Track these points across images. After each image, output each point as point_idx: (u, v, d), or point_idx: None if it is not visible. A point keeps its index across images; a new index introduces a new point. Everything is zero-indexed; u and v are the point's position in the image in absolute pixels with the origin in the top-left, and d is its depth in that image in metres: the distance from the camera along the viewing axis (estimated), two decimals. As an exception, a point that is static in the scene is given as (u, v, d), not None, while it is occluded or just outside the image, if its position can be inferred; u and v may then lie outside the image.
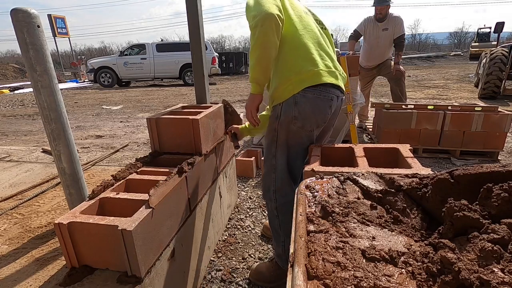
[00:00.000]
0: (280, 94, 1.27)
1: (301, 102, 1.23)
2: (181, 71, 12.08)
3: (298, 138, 1.29)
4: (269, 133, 1.34)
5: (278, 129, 1.28)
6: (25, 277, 1.10)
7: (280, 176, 1.34)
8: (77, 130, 4.93)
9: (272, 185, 1.36)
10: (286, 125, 1.26)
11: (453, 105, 3.17)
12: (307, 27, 1.28)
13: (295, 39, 1.24)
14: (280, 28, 1.17)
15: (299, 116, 1.24)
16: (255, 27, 1.15)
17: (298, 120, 1.24)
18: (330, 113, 1.31)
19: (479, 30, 20.07)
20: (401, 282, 0.47)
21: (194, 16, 1.87)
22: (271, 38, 1.16)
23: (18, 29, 1.14)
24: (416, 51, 33.45)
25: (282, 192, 1.35)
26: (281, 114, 1.26)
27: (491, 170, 0.61)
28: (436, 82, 9.77)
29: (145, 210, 0.99)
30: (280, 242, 1.42)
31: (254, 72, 1.23)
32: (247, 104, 1.32)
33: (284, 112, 1.25)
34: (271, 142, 1.32)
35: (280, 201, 1.36)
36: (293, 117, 1.24)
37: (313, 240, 0.58)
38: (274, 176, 1.35)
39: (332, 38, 1.44)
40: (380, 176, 0.80)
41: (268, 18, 1.14)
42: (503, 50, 6.10)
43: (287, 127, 1.26)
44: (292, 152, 1.32)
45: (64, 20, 17.97)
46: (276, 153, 1.32)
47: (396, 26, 3.65)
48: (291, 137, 1.28)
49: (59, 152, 1.31)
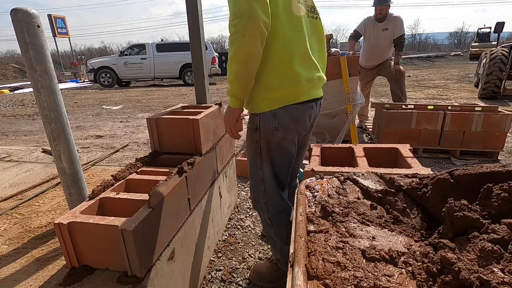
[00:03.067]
0: (257, 105, 1.16)
1: (280, 114, 1.14)
2: (181, 71, 12.07)
3: (281, 147, 1.22)
4: (251, 145, 1.25)
5: (259, 141, 1.20)
6: (25, 277, 1.10)
7: (269, 188, 1.28)
8: (77, 130, 4.93)
9: (262, 197, 1.31)
10: (267, 137, 1.18)
11: (453, 105, 3.17)
12: (297, 28, 1.10)
13: (280, 46, 1.07)
14: (265, 36, 1.00)
15: (279, 127, 1.15)
16: (234, 34, 0.97)
17: (279, 131, 1.16)
18: (310, 121, 1.25)
19: (479, 30, 20.06)
20: (401, 282, 0.47)
21: (194, 16, 1.87)
22: (253, 51, 0.99)
23: (18, 29, 1.14)
24: (416, 51, 33.43)
25: (273, 202, 1.31)
26: (260, 126, 1.17)
27: (491, 170, 0.61)
28: (436, 82, 9.77)
29: (145, 210, 0.99)
30: (277, 248, 1.40)
31: (232, 88, 1.09)
32: (225, 118, 1.19)
33: (263, 124, 1.16)
34: (255, 154, 1.25)
35: (272, 211, 1.32)
36: (273, 129, 1.15)
37: (313, 240, 0.58)
38: (263, 188, 1.29)
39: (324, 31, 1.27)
40: (380, 176, 0.80)
41: (251, 27, 0.95)
42: (503, 50, 6.10)
43: (269, 138, 1.18)
44: (277, 162, 1.25)
45: (64, 20, 17.97)
46: (262, 165, 1.25)
47: (396, 26, 3.65)
48: (275, 147, 1.21)
49: (59, 152, 1.31)
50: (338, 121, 3.31)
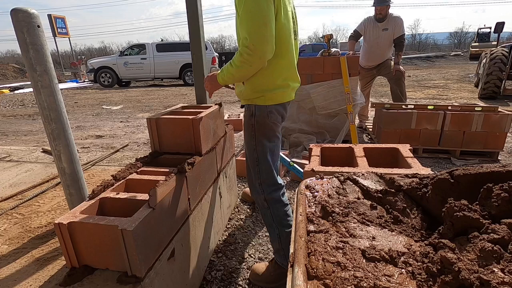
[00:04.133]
0: (254, 100, 1.40)
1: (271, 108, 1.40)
2: (181, 71, 12.07)
3: (271, 129, 1.43)
4: (247, 130, 1.44)
5: (255, 124, 1.40)
6: (25, 277, 1.10)
7: (263, 167, 1.44)
8: (77, 130, 4.93)
9: (257, 179, 1.46)
10: (262, 120, 1.39)
11: (453, 105, 3.17)
12: (290, 51, 1.38)
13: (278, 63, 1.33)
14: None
15: (273, 110, 1.40)
16: (244, 62, 1.22)
17: (273, 114, 1.40)
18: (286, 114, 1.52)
19: (479, 30, 20.06)
20: (401, 282, 0.47)
21: (194, 16, 1.88)
22: (253, 72, 1.29)
23: (18, 29, 1.14)
24: (416, 51, 33.45)
25: (268, 181, 1.45)
26: (255, 112, 1.40)
27: (491, 170, 0.61)
28: (436, 82, 9.77)
29: (145, 210, 0.99)
30: (275, 235, 1.47)
31: (224, 80, 1.37)
32: (208, 84, 1.47)
33: (258, 111, 1.39)
34: (250, 138, 1.43)
35: (268, 191, 1.45)
36: (268, 112, 1.38)
37: (313, 240, 0.58)
38: (258, 169, 1.45)
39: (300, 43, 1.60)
40: (380, 176, 0.80)
41: (258, 64, 1.23)
42: (503, 50, 6.10)
43: (264, 121, 1.39)
44: (271, 142, 1.44)
45: (64, 20, 17.97)
46: (257, 146, 1.43)
47: (396, 26, 3.65)
48: (268, 129, 1.41)
49: (59, 152, 1.31)
50: (338, 121, 3.31)
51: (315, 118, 3.41)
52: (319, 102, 3.32)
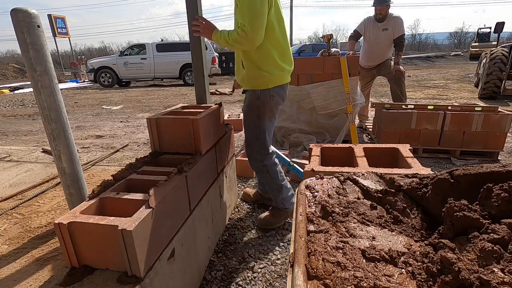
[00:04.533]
0: (257, 84, 1.68)
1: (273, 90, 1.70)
2: (181, 71, 12.07)
3: (273, 111, 1.75)
4: (252, 111, 1.74)
5: (260, 106, 1.70)
6: (25, 277, 1.10)
7: (262, 142, 1.78)
8: (77, 130, 4.93)
9: (256, 151, 1.80)
10: (267, 101, 1.69)
11: (453, 105, 3.17)
12: (284, 35, 1.66)
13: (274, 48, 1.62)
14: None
15: (275, 94, 1.70)
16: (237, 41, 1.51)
17: (275, 98, 1.71)
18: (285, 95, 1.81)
19: (479, 30, 20.05)
20: (401, 282, 0.47)
21: (194, 16, 1.87)
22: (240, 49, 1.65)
23: (18, 29, 1.14)
24: (416, 51, 33.44)
25: (264, 151, 1.80)
26: (261, 96, 1.68)
27: (491, 170, 0.61)
28: (436, 82, 9.77)
29: (145, 210, 0.99)
30: (276, 190, 1.86)
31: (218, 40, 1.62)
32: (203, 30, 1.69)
33: (263, 95, 1.68)
34: (255, 117, 1.73)
35: (265, 159, 1.81)
36: (270, 96, 1.69)
37: (313, 240, 0.58)
38: (258, 143, 1.78)
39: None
40: (380, 176, 0.80)
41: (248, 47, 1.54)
42: (503, 50, 6.09)
43: (269, 102, 1.70)
44: (270, 122, 1.77)
45: (64, 20, 17.96)
46: (259, 124, 1.74)
47: (396, 26, 3.65)
48: (270, 109, 1.73)
49: (59, 152, 1.31)
50: (338, 121, 3.31)
51: (315, 118, 3.41)
52: (319, 102, 3.32)
